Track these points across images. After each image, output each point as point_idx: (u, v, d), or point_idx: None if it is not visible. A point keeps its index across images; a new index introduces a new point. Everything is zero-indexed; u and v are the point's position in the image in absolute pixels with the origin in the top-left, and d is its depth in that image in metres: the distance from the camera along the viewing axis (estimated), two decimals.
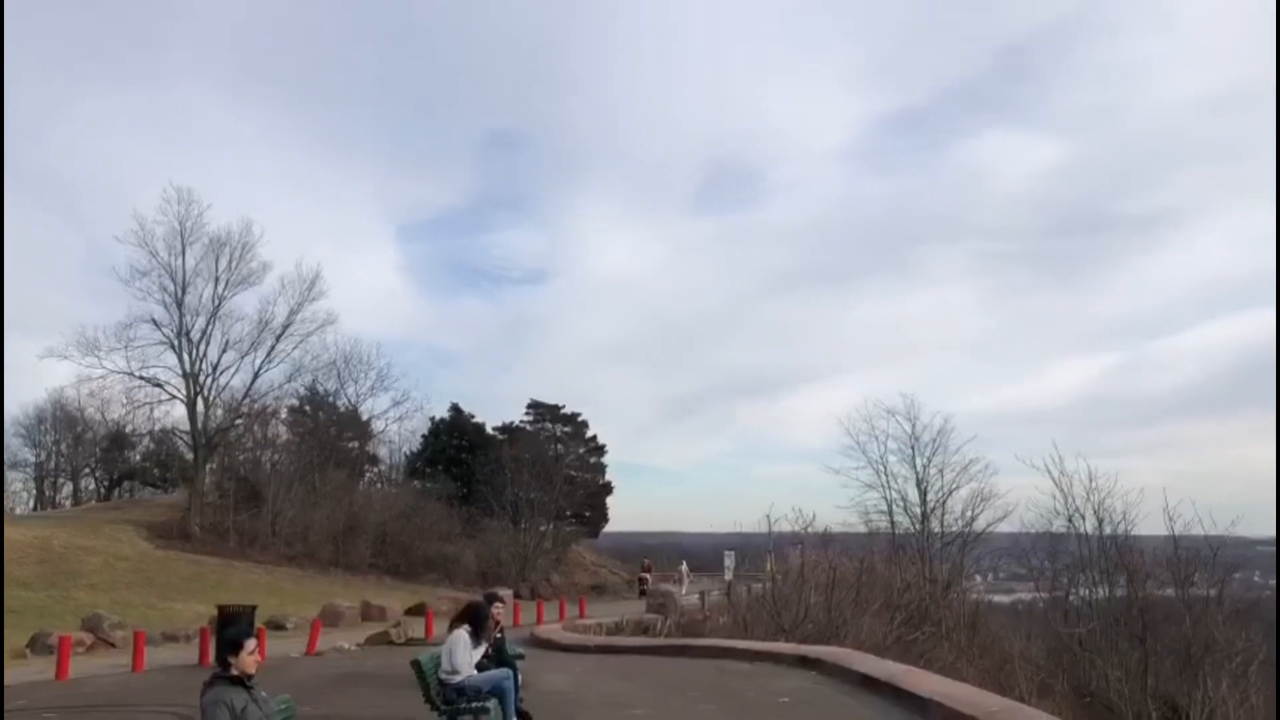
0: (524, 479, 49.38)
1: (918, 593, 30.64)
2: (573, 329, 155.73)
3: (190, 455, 47.31)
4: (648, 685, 12.45)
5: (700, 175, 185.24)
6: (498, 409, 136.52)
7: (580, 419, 60.56)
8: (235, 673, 5.14)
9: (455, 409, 56.90)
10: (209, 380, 45.60)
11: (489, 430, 56.65)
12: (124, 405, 48.40)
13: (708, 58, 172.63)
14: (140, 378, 44.55)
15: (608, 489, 60.20)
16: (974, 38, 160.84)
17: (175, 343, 44.50)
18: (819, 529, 29.26)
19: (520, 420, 59.02)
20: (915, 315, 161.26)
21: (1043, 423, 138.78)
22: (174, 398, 45.47)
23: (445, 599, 31.86)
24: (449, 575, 45.79)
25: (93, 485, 63.51)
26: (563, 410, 60.37)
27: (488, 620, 9.28)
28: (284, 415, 51.78)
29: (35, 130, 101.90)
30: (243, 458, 49.10)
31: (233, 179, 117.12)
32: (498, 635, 10.12)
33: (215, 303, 45.35)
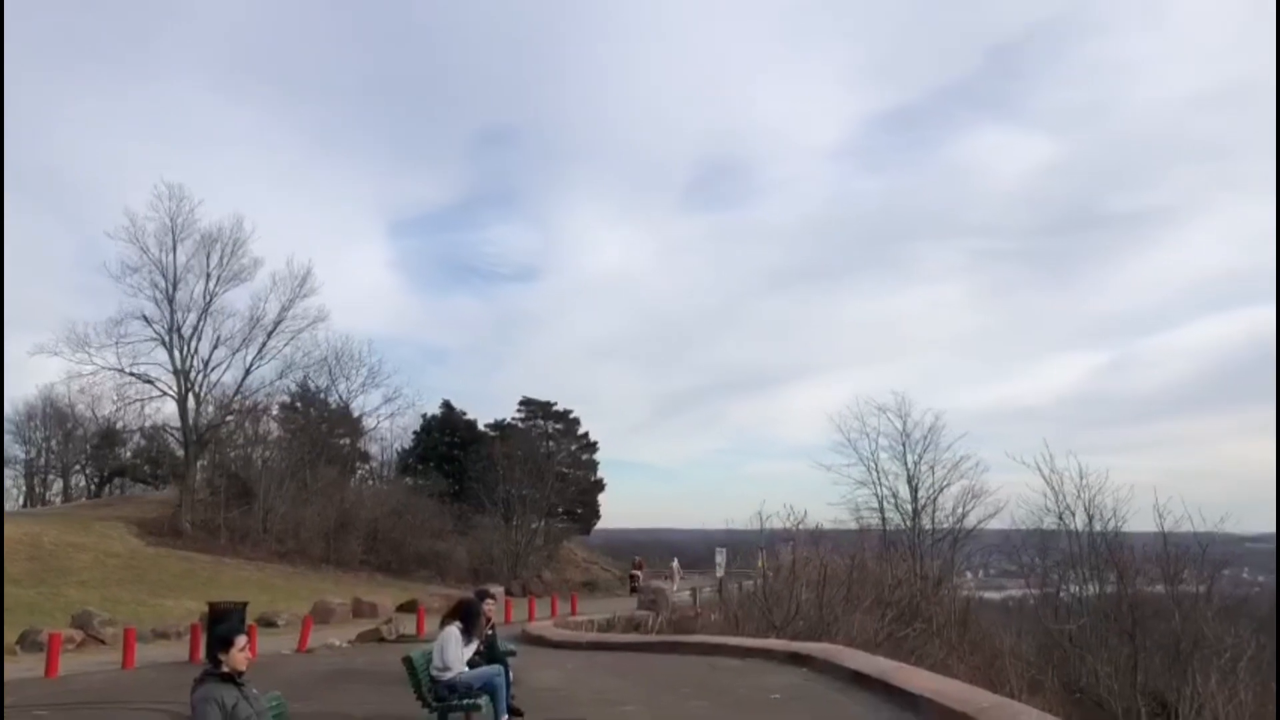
0: (516, 476, 49.39)
1: (909, 589, 30.68)
2: (565, 326, 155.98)
3: (181, 452, 47.15)
4: (639, 682, 12.45)
5: (693, 172, 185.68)
6: (489, 406, 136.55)
7: (572, 416, 60.74)
8: (226, 670, 5.13)
9: (447, 406, 56.94)
10: (200, 377, 45.59)
11: (481, 427, 56.71)
12: (115, 402, 48.32)
13: (701, 55, 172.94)
14: (131, 374, 44.56)
15: (599, 486, 60.33)
16: (967, 35, 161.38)
17: (166, 339, 44.51)
18: (810, 526, 29.32)
19: (512, 417, 59.20)
20: (907, 312, 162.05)
21: (1034, 420, 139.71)
22: (165, 394, 45.47)
23: (437, 596, 31.84)
24: (440, 572, 45.79)
25: (83, 482, 63.32)
26: (554, 407, 60.47)
27: (479, 617, 9.27)
28: (275, 412, 51.78)
29: (27, 127, 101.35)
30: (234, 454, 49.04)
31: (224, 175, 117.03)
32: (489, 632, 10.11)
33: (206, 299, 45.43)
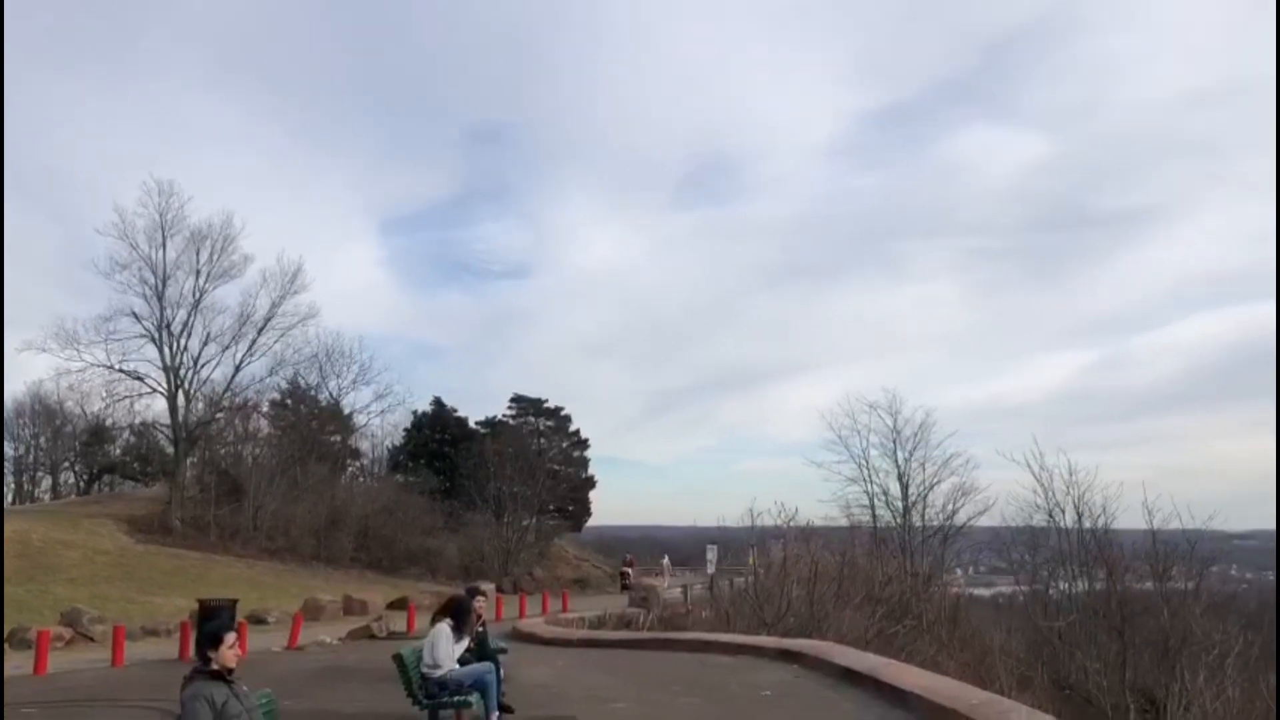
0: (506, 473, 49.37)
1: (899, 586, 30.72)
2: (556, 323, 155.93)
3: (171, 449, 47.02)
4: (630, 679, 12.45)
5: (684, 170, 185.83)
6: (480, 403, 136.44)
7: (563, 413, 60.59)
8: (215, 667, 5.11)
9: (438, 403, 56.86)
10: (190, 374, 45.48)
11: (472, 424, 56.58)
12: (104, 399, 47.94)
13: (692, 52, 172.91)
14: (120, 371, 44.40)
15: (590, 483, 60.22)
16: (958, 34, 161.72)
17: (156, 336, 44.33)
18: (801, 523, 29.32)
19: (503, 414, 59.08)
20: (898, 310, 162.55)
21: (1024, 417, 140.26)
22: (154, 391, 45.36)
23: (427, 593, 31.81)
24: (431, 569, 45.75)
25: (72, 479, 63.12)
26: (546, 404, 60.36)
27: (470, 614, 9.27)
28: (265, 409, 51.64)
29: (15, 123, 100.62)
30: (224, 451, 48.89)
31: (215, 172, 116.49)
32: (480, 629, 10.12)
33: (196, 296, 45.29)
